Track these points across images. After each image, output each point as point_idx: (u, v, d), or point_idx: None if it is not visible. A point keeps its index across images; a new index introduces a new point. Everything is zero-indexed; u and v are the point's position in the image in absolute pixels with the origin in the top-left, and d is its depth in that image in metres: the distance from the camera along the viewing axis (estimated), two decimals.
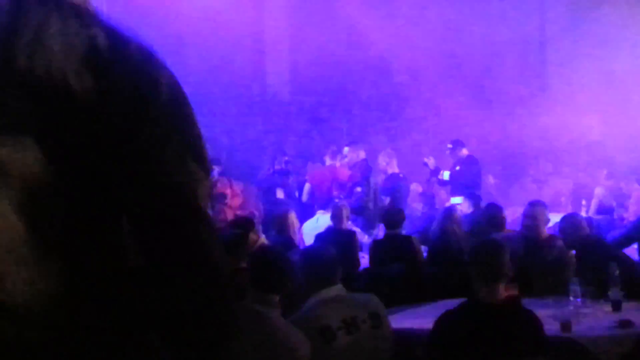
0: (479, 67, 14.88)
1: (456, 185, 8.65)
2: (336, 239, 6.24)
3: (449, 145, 8.83)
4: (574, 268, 5.18)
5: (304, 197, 8.75)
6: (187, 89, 1.21)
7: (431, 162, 8.88)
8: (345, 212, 7.06)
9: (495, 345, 3.23)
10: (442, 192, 9.88)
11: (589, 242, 5.28)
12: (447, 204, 8.44)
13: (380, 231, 6.64)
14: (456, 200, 8.41)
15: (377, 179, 8.44)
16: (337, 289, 3.53)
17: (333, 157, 8.81)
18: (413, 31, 12.91)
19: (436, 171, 8.76)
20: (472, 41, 13.82)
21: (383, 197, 8.45)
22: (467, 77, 14.74)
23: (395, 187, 8.39)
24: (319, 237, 6.74)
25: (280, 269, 3.31)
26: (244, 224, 5.52)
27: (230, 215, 7.25)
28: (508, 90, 13.59)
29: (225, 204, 7.80)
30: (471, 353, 3.23)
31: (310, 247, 4.35)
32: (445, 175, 8.69)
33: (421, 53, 14.51)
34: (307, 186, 8.80)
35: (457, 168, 8.70)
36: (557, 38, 13.94)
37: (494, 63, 14.84)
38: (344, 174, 8.84)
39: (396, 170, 8.55)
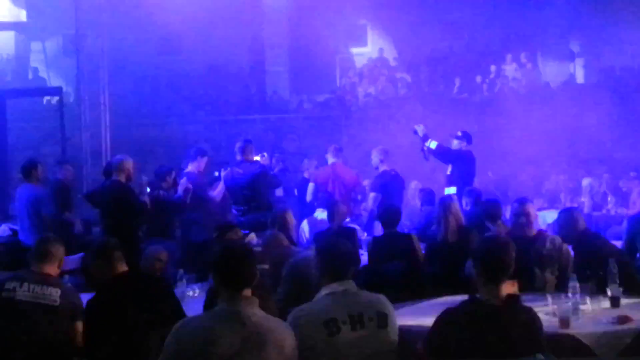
0: (479, 64, 14.88)
1: (450, 178, 8.64)
2: (337, 237, 6.21)
3: (459, 133, 8.78)
4: (572, 261, 5.18)
5: (308, 197, 8.73)
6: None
7: (420, 128, 8.78)
8: (343, 210, 7.03)
9: (496, 344, 3.24)
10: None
11: (586, 237, 5.29)
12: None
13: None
14: (450, 190, 8.38)
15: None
16: (348, 284, 3.57)
17: (335, 155, 8.78)
18: (416, 30, 12.95)
19: (425, 138, 8.68)
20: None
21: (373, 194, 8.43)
22: (466, 75, 14.76)
23: (384, 184, 8.35)
24: (319, 236, 6.70)
25: (247, 264, 3.24)
26: (221, 227, 5.68)
27: None
28: (508, 89, 13.60)
29: None
30: (471, 351, 3.23)
31: (329, 241, 4.31)
32: (433, 144, 8.61)
33: (425, 52, 14.53)
34: (311, 186, 8.78)
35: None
36: (549, 35, 13.95)
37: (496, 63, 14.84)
38: (347, 172, 8.80)
39: (387, 167, 8.46)
